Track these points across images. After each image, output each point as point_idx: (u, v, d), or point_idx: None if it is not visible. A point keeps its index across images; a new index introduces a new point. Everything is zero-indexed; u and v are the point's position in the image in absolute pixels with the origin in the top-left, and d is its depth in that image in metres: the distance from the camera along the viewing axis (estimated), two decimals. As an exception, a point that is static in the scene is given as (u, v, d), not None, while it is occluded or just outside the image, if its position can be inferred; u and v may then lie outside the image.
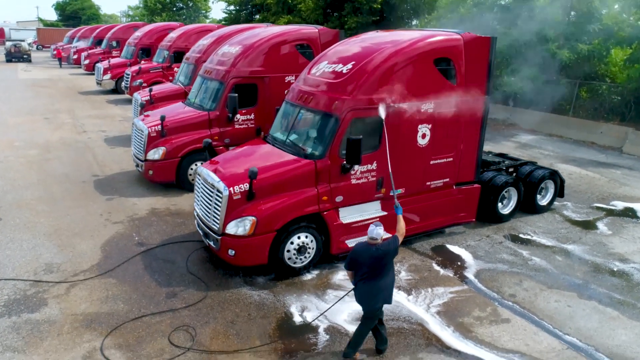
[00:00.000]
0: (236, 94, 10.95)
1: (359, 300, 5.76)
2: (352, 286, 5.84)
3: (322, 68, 8.53)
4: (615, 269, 8.39)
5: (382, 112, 7.55)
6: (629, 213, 11.06)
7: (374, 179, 8.08)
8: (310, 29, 12.49)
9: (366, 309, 5.75)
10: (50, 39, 63.25)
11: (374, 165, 8.01)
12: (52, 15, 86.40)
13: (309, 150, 7.88)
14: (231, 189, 7.35)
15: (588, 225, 10.27)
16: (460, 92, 8.54)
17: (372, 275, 5.58)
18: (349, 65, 8.06)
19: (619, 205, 11.54)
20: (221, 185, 7.45)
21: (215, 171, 7.89)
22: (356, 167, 7.80)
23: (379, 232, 5.54)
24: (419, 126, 8.28)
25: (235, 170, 7.79)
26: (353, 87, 7.72)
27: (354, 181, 7.91)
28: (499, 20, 20.69)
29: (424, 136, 8.38)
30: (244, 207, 7.37)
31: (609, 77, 19.34)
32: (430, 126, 8.39)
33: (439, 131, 8.52)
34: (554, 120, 19.26)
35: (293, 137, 8.32)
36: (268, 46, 11.73)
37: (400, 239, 5.83)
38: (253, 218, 7.27)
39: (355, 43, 8.99)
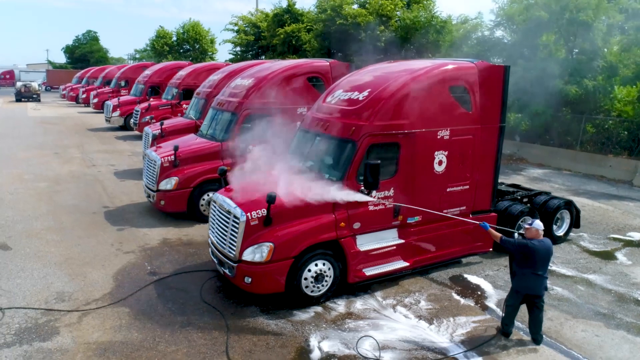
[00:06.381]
0: (249, 125, 11.01)
1: (526, 288, 6.52)
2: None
3: (338, 96, 8.59)
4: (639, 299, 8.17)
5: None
6: (647, 244, 10.87)
7: (391, 205, 7.99)
8: (321, 62, 12.70)
9: (539, 293, 6.52)
10: (59, 80, 64.59)
11: (391, 192, 7.94)
12: (62, 58, 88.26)
13: (326, 176, 7.82)
14: (248, 214, 7.25)
15: (607, 256, 10.07)
16: (475, 119, 8.58)
17: (540, 267, 6.41)
18: (365, 93, 8.12)
19: (636, 236, 11.36)
20: (238, 211, 7.35)
21: (231, 197, 7.82)
22: (374, 193, 7.74)
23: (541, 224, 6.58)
24: (436, 153, 8.26)
25: (251, 196, 7.71)
26: (370, 114, 7.74)
27: (371, 207, 7.81)
28: (503, 59, 21.10)
29: (440, 163, 8.34)
30: (261, 233, 7.24)
31: (614, 112, 19.45)
32: (446, 153, 8.37)
33: (455, 158, 8.49)
34: (562, 155, 19.28)
35: (309, 164, 8.28)
36: (280, 79, 11.90)
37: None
38: (270, 244, 7.13)
39: (368, 73, 9.09)
